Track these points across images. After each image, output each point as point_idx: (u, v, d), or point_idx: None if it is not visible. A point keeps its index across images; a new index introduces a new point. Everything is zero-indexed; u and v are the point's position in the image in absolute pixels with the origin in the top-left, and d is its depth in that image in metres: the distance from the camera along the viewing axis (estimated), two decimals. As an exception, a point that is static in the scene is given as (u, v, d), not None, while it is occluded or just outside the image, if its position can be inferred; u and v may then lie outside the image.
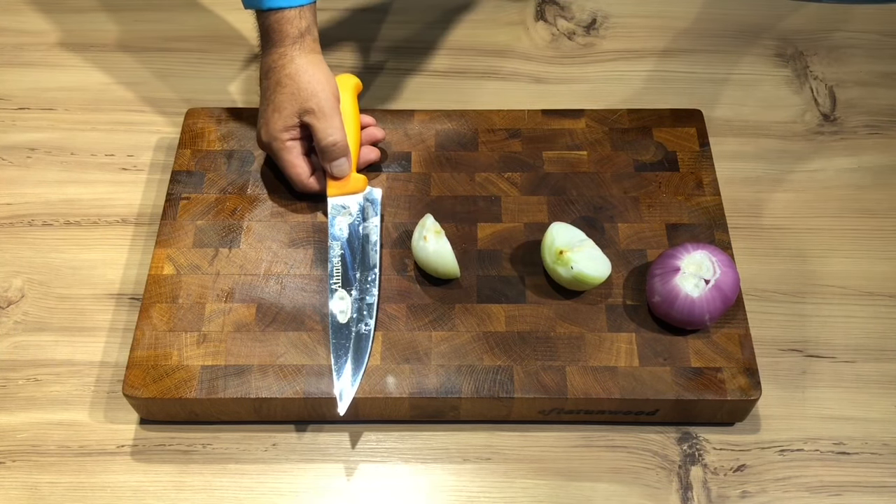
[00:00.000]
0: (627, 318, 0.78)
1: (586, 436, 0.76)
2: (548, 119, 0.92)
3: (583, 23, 1.10)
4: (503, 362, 0.75)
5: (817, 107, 1.00)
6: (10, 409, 0.78)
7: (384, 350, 0.76)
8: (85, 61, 1.05)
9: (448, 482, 0.74)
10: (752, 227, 0.89)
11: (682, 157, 0.89)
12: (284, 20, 0.81)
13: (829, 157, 0.95)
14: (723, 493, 0.73)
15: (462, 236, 0.83)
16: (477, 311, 0.78)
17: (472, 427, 0.77)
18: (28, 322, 0.83)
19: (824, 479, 0.74)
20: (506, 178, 0.87)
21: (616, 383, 0.74)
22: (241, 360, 0.75)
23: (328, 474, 0.74)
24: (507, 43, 1.07)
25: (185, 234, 0.83)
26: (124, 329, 0.82)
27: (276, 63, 0.82)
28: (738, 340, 0.76)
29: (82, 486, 0.74)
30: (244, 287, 0.80)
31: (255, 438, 0.76)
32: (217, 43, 1.06)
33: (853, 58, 1.05)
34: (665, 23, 1.09)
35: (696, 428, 0.77)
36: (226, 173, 0.88)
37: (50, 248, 0.88)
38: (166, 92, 1.01)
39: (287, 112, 0.81)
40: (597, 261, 0.78)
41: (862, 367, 0.80)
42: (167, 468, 0.75)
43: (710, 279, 0.75)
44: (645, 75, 1.04)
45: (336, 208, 0.83)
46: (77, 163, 0.95)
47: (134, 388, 0.74)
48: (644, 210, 0.85)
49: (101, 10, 1.10)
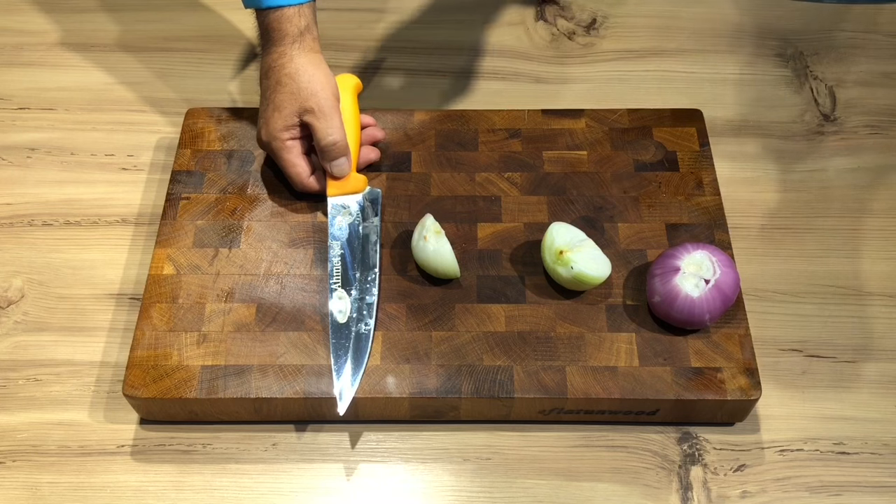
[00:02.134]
0: (627, 318, 0.78)
1: (586, 436, 0.76)
2: (548, 119, 0.92)
3: (583, 23, 1.10)
4: (503, 362, 0.75)
5: (817, 107, 1.00)
6: (10, 409, 0.78)
7: (384, 350, 0.76)
8: (85, 61, 1.05)
9: (448, 482, 0.74)
10: (752, 227, 0.89)
11: (682, 157, 0.89)
12: (284, 19, 0.80)
13: (829, 157, 0.95)
14: (723, 493, 0.73)
15: (462, 236, 0.83)
16: (477, 311, 0.78)
17: (472, 427, 0.77)
18: (28, 322, 0.83)
19: (824, 479, 0.74)
20: (506, 178, 0.87)
21: (616, 383, 0.74)
22: (241, 360, 0.75)
23: (328, 474, 0.74)
24: (507, 43, 1.07)
25: (185, 234, 0.83)
26: (124, 329, 0.82)
27: (276, 62, 0.82)
28: (738, 340, 0.76)
29: (82, 486, 0.74)
30: (244, 287, 0.80)
31: (255, 438, 0.76)
32: (217, 43, 1.06)
33: (853, 58, 1.05)
34: (665, 23, 1.09)
35: (696, 428, 0.77)
36: (226, 173, 0.88)
37: (50, 248, 0.88)
38: (166, 92, 1.01)
39: (287, 111, 0.81)
40: (597, 261, 0.78)
41: (862, 367, 0.80)
42: (167, 468, 0.75)
43: (710, 279, 0.75)
44: (645, 75, 1.04)
45: (336, 208, 0.83)
46: (77, 163, 0.95)
47: (134, 388, 0.74)
48: (644, 210, 0.85)
49: (102, 9, 1.10)
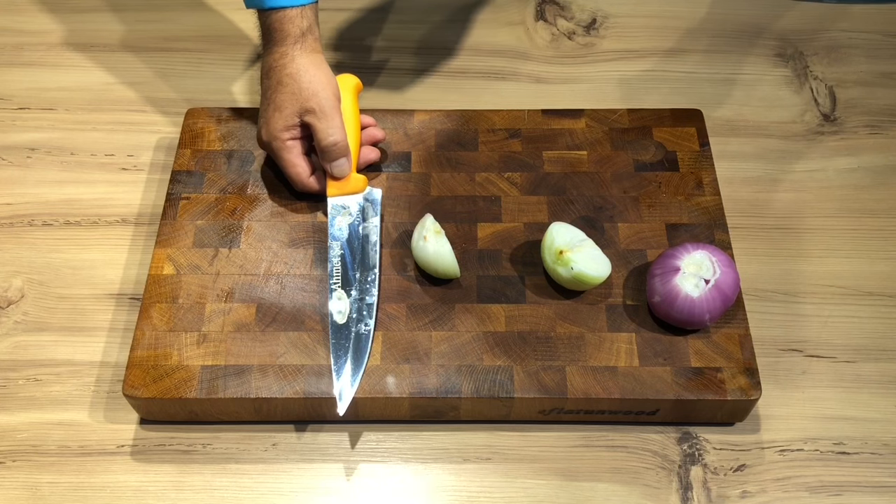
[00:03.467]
0: (627, 318, 0.78)
1: (586, 436, 0.76)
2: (548, 119, 0.92)
3: (583, 23, 1.10)
4: (503, 362, 0.75)
5: (817, 107, 1.00)
6: (10, 409, 0.78)
7: (384, 350, 0.76)
8: (85, 61, 1.05)
9: (448, 482, 0.74)
10: (752, 227, 0.89)
11: (682, 157, 0.89)
12: (286, 19, 0.81)
13: (829, 157, 0.95)
14: (723, 493, 0.73)
15: (462, 236, 0.83)
16: (477, 311, 0.78)
17: (472, 427, 0.77)
18: (28, 322, 0.83)
19: (824, 479, 0.74)
20: (506, 178, 0.87)
21: (616, 383, 0.74)
22: (241, 360, 0.75)
23: (328, 474, 0.74)
24: (507, 43, 1.07)
25: (185, 234, 0.83)
26: (124, 329, 0.82)
27: (277, 62, 0.82)
28: (738, 340, 0.76)
29: (82, 486, 0.74)
30: (244, 287, 0.80)
31: (255, 438, 0.76)
32: (218, 43, 1.06)
33: (853, 58, 1.05)
34: (665, 23, 1.09)
35: (696, 428, 0.77)
36: (226, 173, 0.88)
37: (50, 248, 0.88)
38: (167, 92, 1.01)
39: (288, 111, 0.81)
40: (597, 261, 0.78)
41: (862, 367, 0.80)
42: (167, 468, 0.75)
43: (710, 279, 0.75)
44: (645, 75, 1.04)
45: (336, 208, 0.83)
46: (77, 163, 0.95)
47: (134, 388, 0.74)
48: (644, 210, 0.85)
49: (102, 9, 1.10)
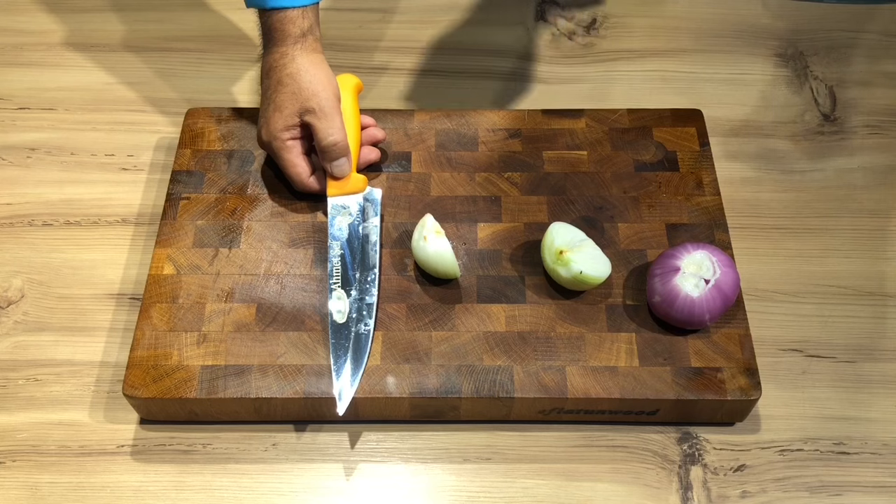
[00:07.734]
0: (627, 318, 0.78)
1: (586, 436, 0.76)
2: (548, 119, 0.92)
3: (583, 23, 1.10)
4: (503, 362, 0.75)
5: (817, 107, 1.00)
6: (10, 409, 0.78)
7: (384, 350, 0.76)
8: (85, 61, 1.05)
9: (448, 482, 0.74)
10: (752, 227, 0.89)
11: (682, 157, 0.89)
12: (287, 20, 0.81)
13: (829, 157, 0.95)
14: (723, 493, 0.73)
15: (462, 236, 0.83)
16: (477, 311, 0.78)
17: (472, 427, 0.77)
18: (28, 322, 0.83)
19: (824, 479, 0.74)
20: (506, 178, 0.87)
21: (616, 383, 0.74)
22: (241, 360, 0.75)
23: (328, 474, 0.74)
24: (507, 43, 1.07)
25: (185, 234, 0.83)
26: (124, 329, 0.82)
27: (277, 62, 0.82)
28: (738, 340, 0.76)
29: (82, 486, 0.74)
30: (244, 287, 0.80)
31: (255, 438, 0.76)
32: (218, 43, 1.06)
33: (853, 58, 1.05)
34: (665, 23, 1.09)
35: (696, 428, 0.77)
36: (226, 173, 0.88)
37: (50, 248, 0.88)
38: (167, 92, 1.01)
39: (288, 111, 0.81)
40: (597, 261, 0.78)
41: (862, 367, 0.80)
42: (167, 468, 0.75)
43: (710, 279, 0.75)
44: (645, 75, 1.04)
45: (336, 208, 0.83)
46: (77, 163, 0.95)
47: (134, 388, 0.74)
48: (644, 210, 0.85)
49: (102, 9, 1.10)
